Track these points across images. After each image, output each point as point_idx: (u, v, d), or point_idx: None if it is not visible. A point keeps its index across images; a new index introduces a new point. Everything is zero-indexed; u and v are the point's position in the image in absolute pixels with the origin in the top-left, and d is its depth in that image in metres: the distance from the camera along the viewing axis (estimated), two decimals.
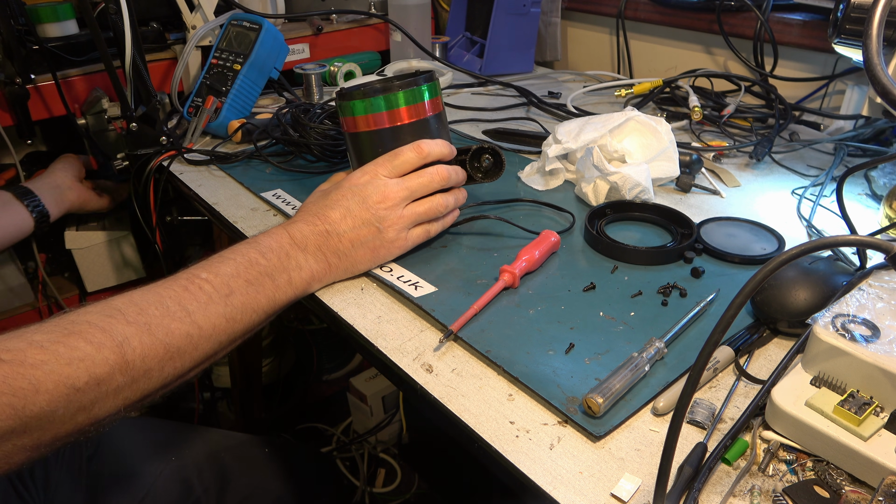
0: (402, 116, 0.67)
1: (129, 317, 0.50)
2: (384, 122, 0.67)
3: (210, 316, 0.54)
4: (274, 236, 0.61)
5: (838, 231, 0.76)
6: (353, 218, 0.63)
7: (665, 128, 0.83)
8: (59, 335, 0.46)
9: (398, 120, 0.67)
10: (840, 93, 1.08)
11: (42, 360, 0.44)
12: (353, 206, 0.63)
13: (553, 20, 1.43)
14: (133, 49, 0.89)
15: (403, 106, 0.66)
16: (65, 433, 0.46)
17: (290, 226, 0.62)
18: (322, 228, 0.62)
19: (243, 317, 0.57)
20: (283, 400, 1.62)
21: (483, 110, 1.14)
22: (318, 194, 0.67)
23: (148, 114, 0.94)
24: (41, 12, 1.01)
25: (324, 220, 0.62)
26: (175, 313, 0.52)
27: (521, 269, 0.65)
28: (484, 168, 0.72)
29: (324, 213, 0.63)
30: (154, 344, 0.50)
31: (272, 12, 1.19)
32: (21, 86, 0.97)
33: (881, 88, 0.55)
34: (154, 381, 0.51)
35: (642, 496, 0.44)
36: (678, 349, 0.57)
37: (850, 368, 0.46)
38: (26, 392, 0.42)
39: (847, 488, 0.44)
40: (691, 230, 0.72)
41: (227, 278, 0.56)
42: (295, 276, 0.60)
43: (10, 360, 0.43)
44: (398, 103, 0.66)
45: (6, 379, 0.42)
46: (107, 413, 0.48)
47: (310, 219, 0.63)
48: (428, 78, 0.68)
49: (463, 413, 0.50)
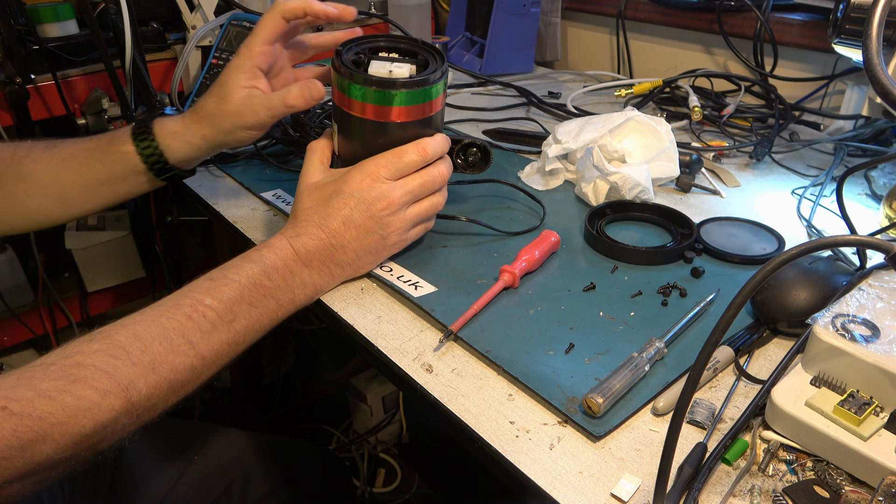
0: (431, 108, 0.64)
1: (134, 356, 0.50)
2: (418, 114, 0.63)
3: (213, 344, 0.54)
4: (278, 252, 0.59)
5: (838, 231, 0.76)
6: (358, 228, 0.62)
7: (665, 128, 0.83)
8: (65, 383, 0.46)
9: (430, 110, 0.64)
10: (840, 93, 1.08)
11: (49, 411, 0.45)
12: (357, 216, 0.62)
13: (553, 20, 1.43)
14: (133, 49, 0.89)
15: (405, 104, 0.63)
16: (70, 466, 0.48)
17: (294, 239, 0.60)
18: (327, 242, 0.61)
19: (245, 339, 0.57)
20: (283, 400, 1.62)
21: (483, 110, 1.14)
22: (315, 194, 0.64)
23: (148, 114, 0.94)
24: (41, 12, 1.01)
25: (328, 232, 0.61)
26: (179, 347, 0.52)
27: (521, 269, 0.65)
28: (470, 161, 0.72)
29: (327, 223, 0.61)
30: (159, 382, 0.50)
31: None
32: (21, 86, 0.97)
33: (881, 88, 0.55)
34: (158, 412, 0.52)
35: (642, 496, 0.44)
36: (678, 349, 0.57)
37: (850, 368, 0.46)
38: (34, 443, 0.44)
39: (847, 488, 0.44)
40: (691, 230, 0.72)
41: (230, 304, 0.55)
42: (299, 293, 0.60)
43: (18, 413, 0.43)
44: (430, 94, 0.63)
45: (15, 432, 0.43)
46: (110, 446, 0.50)
47: (314, 231, 0.61)
48: (444, 71, 0.65)
49: (463, 413, 0.50)
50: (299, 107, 0.65)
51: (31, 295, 1.19)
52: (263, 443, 0.91)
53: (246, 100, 0.66)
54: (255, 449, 0.89)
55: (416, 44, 0.67)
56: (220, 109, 0.67)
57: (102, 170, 0.70)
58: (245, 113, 0.67)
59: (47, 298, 1.20)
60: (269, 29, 0.66)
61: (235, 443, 0.89)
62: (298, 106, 0.65)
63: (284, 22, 0.66)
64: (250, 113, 0.67)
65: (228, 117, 0.67)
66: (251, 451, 0.89)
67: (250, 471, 0.86)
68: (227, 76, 0.67)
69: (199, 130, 0.69)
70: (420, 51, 0.67)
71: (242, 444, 0.89)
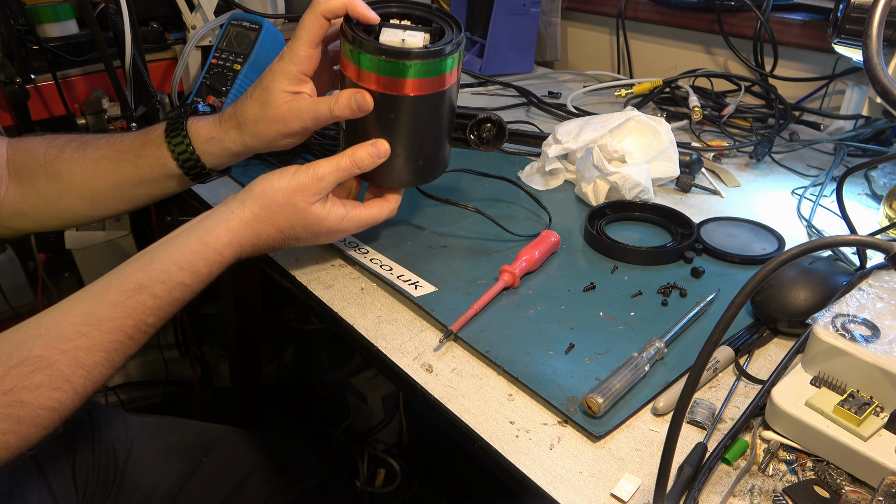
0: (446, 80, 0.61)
1: (78, 386, 0.51)
2: (432, 87, 0.60)
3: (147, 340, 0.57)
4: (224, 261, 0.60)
5: (838, 231, 0.76)
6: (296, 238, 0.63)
7: (665, 128, 0.83)
8: (9, 424, 0.48)
9: (445, 83, 0.61)
10: (840, 93, 1.08)
11: None
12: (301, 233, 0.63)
13: (553, 20, 1.43)
14: (133, 49, 0.89)
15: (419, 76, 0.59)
16: None
17: (246, 248, 0.61)
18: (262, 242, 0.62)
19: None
20: (283, 400, 1.62)
21: (483, 110, 1.14)
22: (297, 219, 0.62)
23: (148, 114, 0.94)
24: (41, 12, 1.01)
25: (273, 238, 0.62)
26: (118, 363, 0.55)
27: (521, 269, 0.65)
28: (484, 138, 0.69)
29: (280, 234, 0.62)
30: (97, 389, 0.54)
31: (272, 12, 1.19)
32: (21, 86, 0.97)
33: (881, 88, 0.55)
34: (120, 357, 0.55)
35: (642, 496, 0.44)
36: (678, 349, 0.57)
37: (850, 368, 0.46)
38: None
39: (847, 488, 0.44)
40: (691, 230, 0.72)
41: (169, 312, 0.57)
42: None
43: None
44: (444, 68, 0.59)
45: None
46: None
47: (265, 238, 0.61)
48: (460, 42, 0.60)
49: (463, 413, 0.50)
50: (346, 117, 0.61)
51: (31, 295, 1.19)
52: (265, 443, 0.91)
53: (291, 105, 0.62)
54: (257, 449, 0.89)
55: (430, 11, 0.62)
56: (263, 115, 0.63)
57: (135, 173, 0.68)
58: (290, 119, 0.62)
59: (47, 298, 1.20)
60: (313, 30, 0.61)
61: (239, 443, 0.89)
62: (345, 117, 0.61)
63: (326, 22, 0.61)
64: (296, 120, 0.62)
65: (272, 124, 0.63)
66: (254, 452, 0.89)
67: (253, 471, 0.87)
68: (270, 80, 0.62)
69: (238, 137, 0.65)
70: (435, 18, 0.62)
71: (245, 445, 0.89)
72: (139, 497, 0.79)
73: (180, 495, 0.80)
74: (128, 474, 0.79)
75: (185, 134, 0.66)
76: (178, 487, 0.81)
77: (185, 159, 0.66)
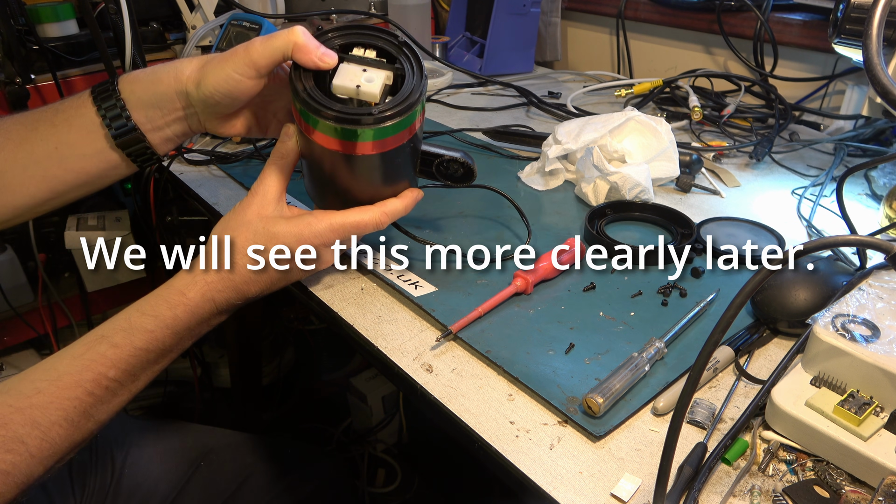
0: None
1: (32, 447, 0.47)
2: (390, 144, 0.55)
3: (113, 407, 0.53)
4: (197, 311, 0.56)
5: (838, 231, 0.76)
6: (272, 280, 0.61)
7: (665, 128, 0.83)
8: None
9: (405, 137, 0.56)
10: (840, 93, 1.08)
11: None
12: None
13: (553, 20, 1.43)
14: (133, 49, 0.89)
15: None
16: None
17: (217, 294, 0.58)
18: (243, 292, 0.60)
19: (145, 385, 0.56)
20: (283, 400, 1.62)
21: (483, 110, 1.14)
22: (260, 235, 0.58)
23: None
24: (41, 12, 1.01)
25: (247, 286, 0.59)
26: (79, 424, 0.50)
27: (536, 277, 0.63)
28: (451, 176, 0.65)
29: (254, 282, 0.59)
30: (59, 460, 0.50)
31: (272, 12, 1.19)
32: (21, 86, 0.97)
33: (881, 88, 0.55)
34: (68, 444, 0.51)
35: (642, 496, 0.44)
36: (678, 349, 0.57)
37: (850, 368, 0.46)
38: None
39: (847, 488, 0.44)
40: (691, 230, 0.72)
41: (134, 370, 0.53)
42: (203, 330, 0.59)
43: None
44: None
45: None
46: None
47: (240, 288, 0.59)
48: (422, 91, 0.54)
49: (463, 413, 0.50)
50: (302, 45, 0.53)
51: (32, 295, 1.19)
52: (265, 445, 0.91)
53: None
54: (257, 451, 0.89)
55: (394, 41, 0.57)
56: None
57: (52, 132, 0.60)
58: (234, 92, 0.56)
59: (47, 298, 1.20)
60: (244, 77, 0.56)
61: (238, 446, 0.89)
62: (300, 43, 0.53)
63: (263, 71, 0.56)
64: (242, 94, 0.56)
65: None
66: (253, 456, 0.89)
67: (253, 474, 0.86)
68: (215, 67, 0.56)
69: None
70: (399, 55, 0.56)
71: (245, 447, 0.89)
72: (136, 500, 0.79)
73: (178, 499, 0.80)
74: (125, 477, 0.79)
75: (119, 96, 0.59)
76: (176, 491, 0.81)
77: (114, 116, 0.58)
